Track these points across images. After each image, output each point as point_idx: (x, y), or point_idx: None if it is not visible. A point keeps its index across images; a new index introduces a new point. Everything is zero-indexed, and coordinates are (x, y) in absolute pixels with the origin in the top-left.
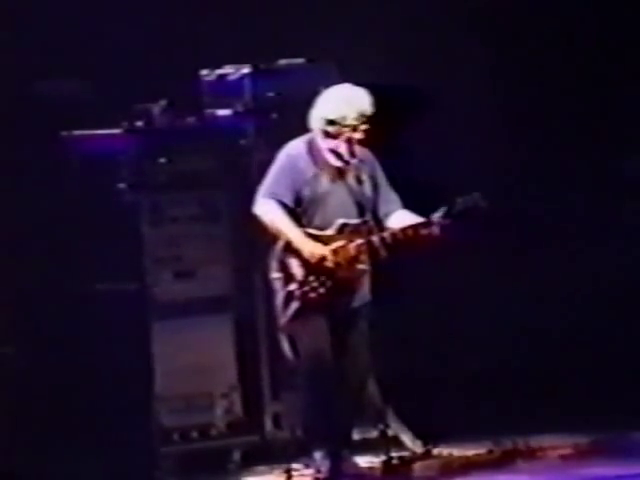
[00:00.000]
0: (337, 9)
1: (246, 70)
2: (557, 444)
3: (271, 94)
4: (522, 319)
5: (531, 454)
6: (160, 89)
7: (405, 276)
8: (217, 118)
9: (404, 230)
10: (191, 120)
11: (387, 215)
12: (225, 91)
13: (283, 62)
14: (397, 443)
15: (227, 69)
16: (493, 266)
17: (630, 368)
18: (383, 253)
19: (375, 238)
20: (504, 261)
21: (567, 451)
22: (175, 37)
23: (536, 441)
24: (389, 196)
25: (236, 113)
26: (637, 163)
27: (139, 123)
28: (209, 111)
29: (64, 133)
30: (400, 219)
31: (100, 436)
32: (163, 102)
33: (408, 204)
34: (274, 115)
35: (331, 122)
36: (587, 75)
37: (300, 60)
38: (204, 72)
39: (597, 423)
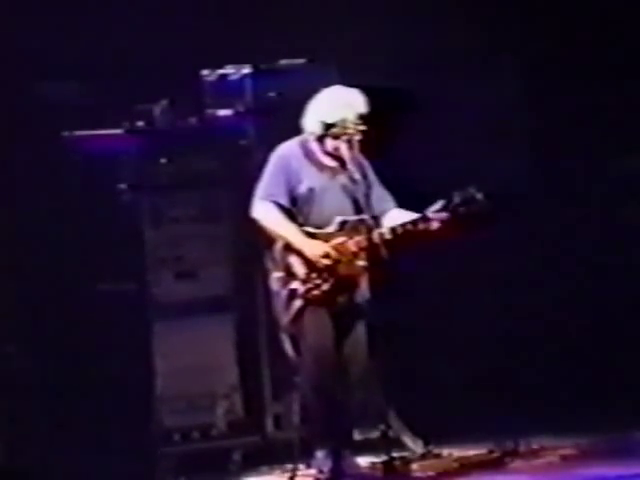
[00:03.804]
0: (337, 9)
1: (247, 70)
2: (557, 444)
3: (272, 94)
4: (523, 319)
5: (531, 454)
6: (161, 89)
7: (405, 275)
8: (218, 118)
9: (404, 225)
10: (192, 120)
11: (382, 214)
12: (226, 91)
13: (283, 62)
14: (398, 443)
15: (228, 69)
16: (494, 266)
17: (630, 368)
18: (383, 250)
19: (375, 234)
20: (504, 261)
21: (567, 451)
22: (176, 37)
23: (536, 441)
24: (383, 195)
25: (237, 113)
26: (637, 163)
27: (140, 123)
28: (210, 111)
29: (65, 133)
30: (395, 217)
31: (101, 436)
32: (164, 102)
33: (405, 204)
34: (274, 115)
35: (329, 125)
36: (587, 74)
37: (300, 60)
38: (205, 72)
39: (597, 423)
